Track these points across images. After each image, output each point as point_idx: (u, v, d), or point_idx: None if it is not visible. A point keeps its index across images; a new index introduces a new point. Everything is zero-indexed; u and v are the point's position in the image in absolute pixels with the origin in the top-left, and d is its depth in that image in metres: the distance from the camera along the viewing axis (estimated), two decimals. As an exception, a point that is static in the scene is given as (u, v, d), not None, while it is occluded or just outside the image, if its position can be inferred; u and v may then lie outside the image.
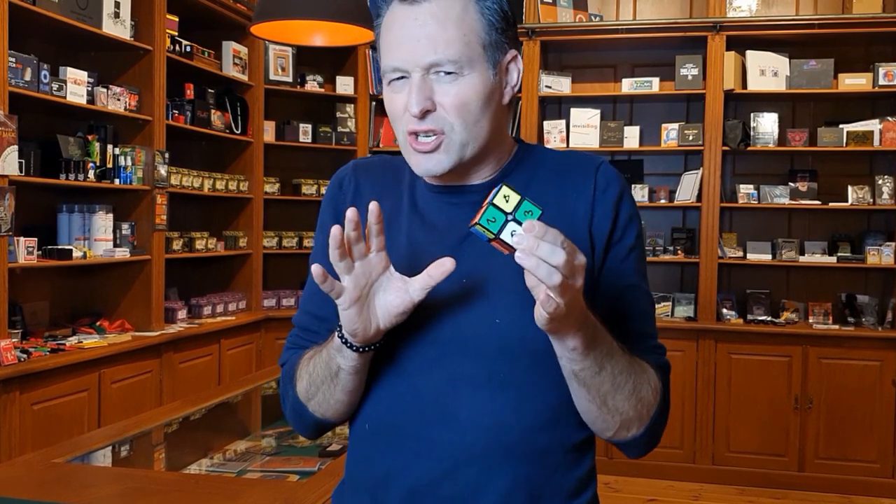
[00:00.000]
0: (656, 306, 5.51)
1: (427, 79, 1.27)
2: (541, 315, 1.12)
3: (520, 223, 1.10)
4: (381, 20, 1.33)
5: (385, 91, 1.33)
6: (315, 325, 1.44)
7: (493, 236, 1.11)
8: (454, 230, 1.34)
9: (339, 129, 6.00)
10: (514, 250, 1.09)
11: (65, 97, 3.99)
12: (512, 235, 1.10)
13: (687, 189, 5.57)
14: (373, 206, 1.20)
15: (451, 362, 1.31)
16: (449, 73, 1.27)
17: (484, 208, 1.11)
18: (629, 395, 1.28)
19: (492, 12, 1.30)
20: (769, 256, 5.50)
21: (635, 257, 1.39)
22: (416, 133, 1.29)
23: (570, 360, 1.22)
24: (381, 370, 1.35)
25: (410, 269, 1.28)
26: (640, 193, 5.63)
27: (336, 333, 1.28)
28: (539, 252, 1.06)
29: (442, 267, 1.21)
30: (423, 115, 1.27)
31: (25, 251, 3.80)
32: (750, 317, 5.49)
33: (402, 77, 1.29)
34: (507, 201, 1.11)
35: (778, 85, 5.41)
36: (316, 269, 1.17)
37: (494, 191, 1.12)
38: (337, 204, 1.45)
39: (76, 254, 4.13)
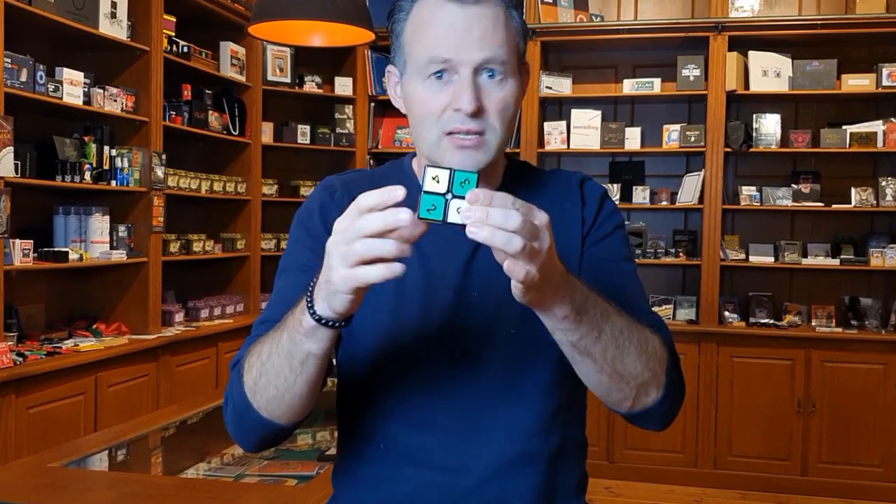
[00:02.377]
0: (658, 309, 5.53)
1: (476, 79, 1.26)
2: (516, 287, 1.05)
3: (462, 197, 1.02)
4: (408, 15, 1.30)
5: (416, 89, 1.30)
6: None
7: (441, 222, 1.03)
8: (462, 242, 1.31)
9: (338, 130, 5.97)
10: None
11: (61, 98, 3.95)
12: (458, 212, 1.02)
13: (689, 191, 5.54)
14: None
15: (472, 378, 1.32)
16: (494, 76, 1.27)
17: (419, 198, 1.03)
18: (638, 354, 1.22)
19: (520, 21, 1.32)
20: (771, 259, 5.47)
21: (617, 241, 1.41)
22: (459, 131, 1.26)
23: (565, 331, 1.15)
24: (401, 391, 1.34)
25: (426, 285, 1.28)
26: (641, 195, 5.60)
27: (307, 315, 1.12)
28: (491, 220, 0.98)
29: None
30: (474, 114, 1.25)
31: (21, 253, 3.76)
32: (752, 320, 5.45)
33: (440, 74, 1.27)
34: (437, 182, 1.03)
35: (780, 86, 5.38)
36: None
37: (422, 177, 1.04)
38: (328, 214, 1.37)
39: (72, 256, 4.09)
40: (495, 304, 1.31)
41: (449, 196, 1.02)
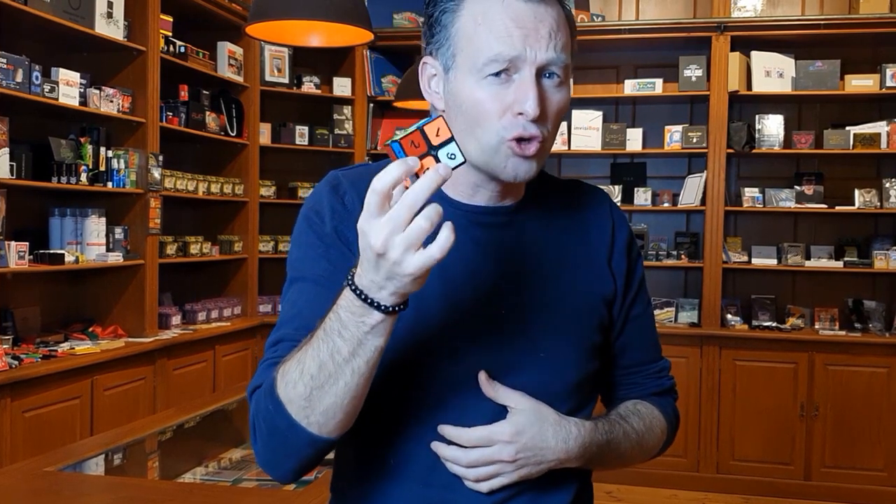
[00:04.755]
0: (660, 312, 5.50)
1: (538, 80, 1.19)
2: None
3: (444, 145, 1.03)
4: (461, 4, 1.21)
5: (468, 88, 1.21)
6: None
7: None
8: (489, 253, 1.26)
9: (337, 131, 5.94)
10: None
11: (57, 99, 3.92)
12: (449, 157, 1.03)
13: (691, 192, 5.51)
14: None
15: (490, 399, 1.25)
16: (553, 78, 1.21)
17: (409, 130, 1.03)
18: (640, 451, 1.37)
19: (573, 27, 1.26)
20: (774, 261, 5.44)
21: (644, 292, 1.43)
22: (523, 138, 1.19)
23: (577, 468, 1.30)
24: (416, 408, 1.26)
25: (446, 301, 1.20)
26: (643, 197, 5.58)
27: (374, 313, 1.05)
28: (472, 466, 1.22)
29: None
30: (536, 118, 1.18)
31: (17, 256, 3.73)
32: (755, 322, 5.43)
33: (498, 73, 1.18)
34: (416, 147, 1.02)
35: (783, 86, 5.35)
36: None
37: (414, 129, 1.03)
38: (340, 223, 1.28)
39: (68, 258, 4.06)
40: (522, 323, 1.25)
41: (434, 151, 1.03)
